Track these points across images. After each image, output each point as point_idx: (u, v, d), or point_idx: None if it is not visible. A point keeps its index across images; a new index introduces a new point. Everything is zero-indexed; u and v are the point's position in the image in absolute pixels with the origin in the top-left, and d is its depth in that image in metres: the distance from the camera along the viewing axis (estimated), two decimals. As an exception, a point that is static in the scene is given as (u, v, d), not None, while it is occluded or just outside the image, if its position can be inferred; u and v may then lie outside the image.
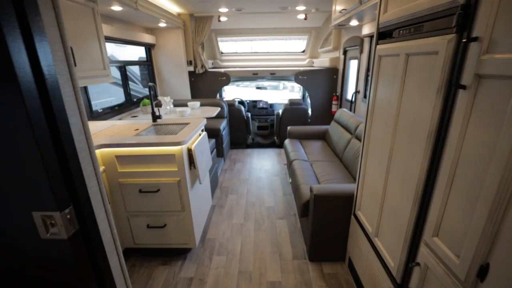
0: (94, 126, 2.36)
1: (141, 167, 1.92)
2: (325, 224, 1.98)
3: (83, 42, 2.01)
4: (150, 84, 2.29)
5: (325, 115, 4.84)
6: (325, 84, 4.67)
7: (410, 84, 1.14)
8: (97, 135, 2.06)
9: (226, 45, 5.91)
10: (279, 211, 2.82)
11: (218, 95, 6.19)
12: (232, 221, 2.68)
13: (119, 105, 3.32)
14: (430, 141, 0.99)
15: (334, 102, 4.61)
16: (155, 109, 2.41)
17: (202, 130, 2.45)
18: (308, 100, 5.56)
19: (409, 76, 1.14)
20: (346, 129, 3.05)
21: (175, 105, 4.16)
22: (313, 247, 2.08)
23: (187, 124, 2.33)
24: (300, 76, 4.66)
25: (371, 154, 1.58)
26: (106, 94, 3.65)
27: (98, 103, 3.54)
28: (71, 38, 1.84)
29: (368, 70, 3.29)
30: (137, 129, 2.20)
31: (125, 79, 3.47)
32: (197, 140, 2.12)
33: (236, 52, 5.83)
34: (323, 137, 3.66)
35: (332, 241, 2.04)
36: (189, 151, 1.96)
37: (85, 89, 2.61)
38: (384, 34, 1.40)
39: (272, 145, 5.26)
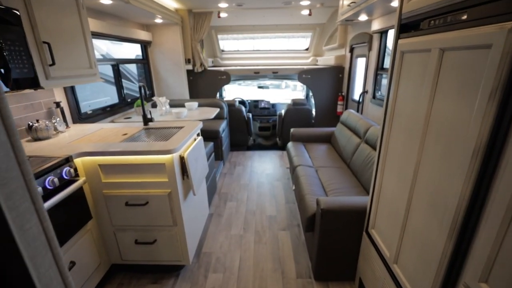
0: (80, 130, 2.16)
1: (127, 177, 1.72)
2: (333, 240, 1.77)
3: (65, 37, 1.80)
4: (141, 84, 2.08)
5: (330, 116, 4.62)
6: (330, 84, 4.45)
7: (445, 86, 0.92)
8: (81, 140, 1.86)
9: (227, 44, 5.70)
10: (281, 221, 2.62)
11: (218, 95, 6.00)
12: (230, 232, 2.48)
13: (111, 106, 3.12)
14: (477, 160, 0.78)
15: (339, 103, 4.38)
16: (147, 111, 2.21)
17: (198, 134, 2.24)
18: (312, 100, 5.34)
19: (444, 76, 0.92)
20: (354, 132, 2.83)
21: (172, 106, 3.95)
22: (319, 265, 1.87)
23: (181, 128, 2.12)
24: (304, 75, 4.44)
25: (389, 166, 1.36)
26: (101, 94, 3.46)
27: (93, 103, 3.35)
28: (49, 33, 1.65)
29: (377, 68, 3.06)
30: (126, 134, 2.00)
31: (118, 78, 3.27)
32: (191, 146, 1.92)
33: (237, 50, 5.62)
34: (328, 140, 3.45)
35: (340, 259, 1.83)
36: (182, 159, 1.75)
37: (72, 89, 2.41)
38: (407, 26, 1.18)
39: (274, 146, 5.05)
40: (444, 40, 0.91)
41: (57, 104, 2.18)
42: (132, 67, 4.20)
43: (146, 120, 2.18)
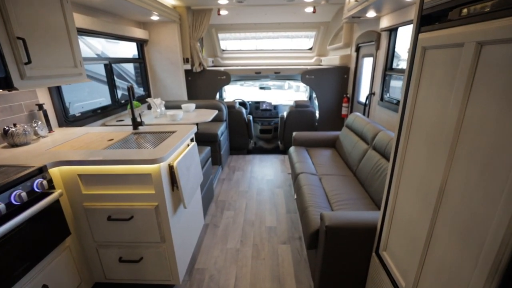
0: (64, 134, 2.00)
1: (110, 188, 1.55)
2: (338, 260, 1.58)
3: (45, 33, 1.64)
4: (128, 84, 1.91)
5: (334, 119, 4.43)
6: (334, 84, 4.25)
7: (483, 88, 0.73)
8: (62, 146, 1.70)
9: (230, 44, 5.53)
10: (281, 233, 2.43)
11: (218, 96, 5.83)
12: (226, 245, 2.30)
13: (103, 108, 2.96)
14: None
15: (344, 105, 4.19)
16: (140, 113, 2.04)
17: (192, 139, 2.07)
18: (316, 102, 5.15)
19: (483, 75, 0.74)
20: (361, 137, 2.63)
21: (169, 107, 3.79)
22: (323, 287, 1.68)
23: (173, 132, 1.95)
24: (307, 76, 4.25)
25: (406, 181, 1.18)
26: (97, 94, 3.31)
27: (87, 104, 3.21)
28: (24, 28, 1.48)
29: (386, 69, 2.87)
30: (112, 139, 1.83)
31: (111, 78, 3.11)
32: (183, 153, 1.74)
33: (239, 50, 5.44)
34: (333, 144, 3.25)
35: (346, 281, 1.64)
36: (171, 168, 1.58)
37: (58, 89, 2.25)
38: (430, 18, 1.00)
39: (275, 150, 4.86)
40: (483, 32, 0.72)
41: (40, 106, 2.02)
42: (129, 67, 4.04)
43: (136, 124, 2.01)
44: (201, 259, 2.13)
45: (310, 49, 5.30)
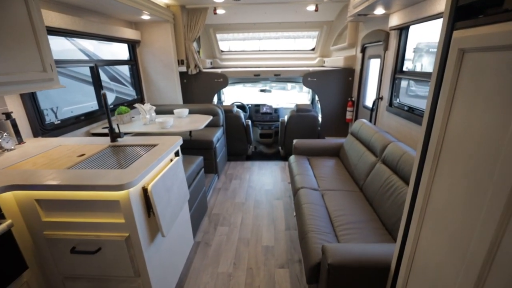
0: (36, 147, 1.77)
1: (74, 215, 1.32)
2: (344, 301, 1.33)
3: (4, 34, 1.42)
4: (102, 91, 1.68)
5: (338, 124, 4.17)
6: (338, 87, 3.99)
7: None
8: (22, 164, 1.47)
9: (231, 45, 5.30)
10: (279, 254, 2.18)
11: (217, 98, 5.60)
12: (218, 268, 2.06)
13: (89, 114, 2.74)
14: None
15: (349, 109, 3.93)
16: (114, 125, 1.81)
17: (177, 153, 1.83)
18: (318, 106, 4.89)
19: None
20: (369, 148, 2.37)
21: (162, 112, 3.57)
22: (326, 328, 1.43)
23: (154, 146, 1.71)
24: (309, 78, 4.00)
25: (433, 218, 0.92)
26: (91, 98, 3.11)
27: (77, 109, 3.00)
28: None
29: (395, 71, 2.61)
30: (83, 155, 1.60)
31: (98, 81, 2.89)
32: (163, 171, 1.50)
33: (239, 51, 5.20)
34: (336, 153, 3.00)
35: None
36: (145, 192, 1.34)
37: (31, 95, 2.03)
38: (471, 10, 0.74)
39: (276, 155, 4.62)
40: None
41: (7, 115, 1.80)
42: (125, 69, 3.84)
43: (113, 136, 1.78)
44: (188, 285, 1.89)
45: (313, 49, 5.04)
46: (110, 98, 4.59)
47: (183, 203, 1.77)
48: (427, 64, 2.99)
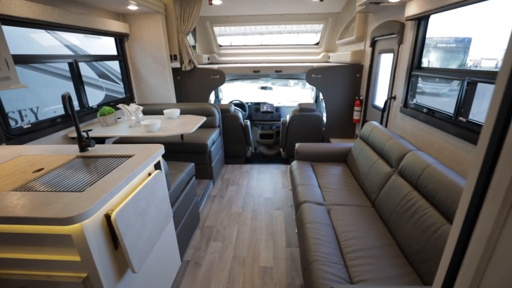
0: (-11, 158, 1.50)
1: (20, 250, 1.05)
2: None
3: None
4: (64, 93, 1.40)
5: (344, 124, 3.87)
6: (345, 85, 3.68)
7: None
8: (-37, 182, 1.20)
9: (231, 40, 4.99)
10: (278, 278, 1.91)
11: (214, 96, 5.31)
12: (208, 295, 1.80)
13: (66, 116, 2.46)
14: None
15: (356, 108, 3.62)
16: (83, 133, 1.53)
17: (157, 165, 1.55)
18: (323, 104, 4.59)
19: None
20: (382, 156, 2.08)
21: (150, 113, 3.29)
22: None
23: (128, 157, 1.44)
24: (314, 75, 3.69)
25: (498, 273, 0.63)
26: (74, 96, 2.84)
27: (61, 108, 2.74)
28: None
29: (412, 67, 2.30)
30: (41, 169, 1.32)
31: (79, 79, 2.61)
32: (134, 191, 1.23)
33: (241, 45, 4.89)
34: (343, 159, 2.71)
35: None
36: (108, 220, 1.07)
37: (-8, 96, 1.76)
38: None
39: (277, 158, 4.34)
40: None
41: (-42, 120, 1.53)
42: (116, 66, 3.56)
43: (82, 145, 1.50)
44: (172, 320, 1.63)
45: (317, 44, 4.72)
46: (99, 96, 4.33)
47: (165, 224, 1.50)
48: (434, 60, 2.66)
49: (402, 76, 2.46)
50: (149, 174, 1.42)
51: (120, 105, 2.50)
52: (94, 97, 4.11)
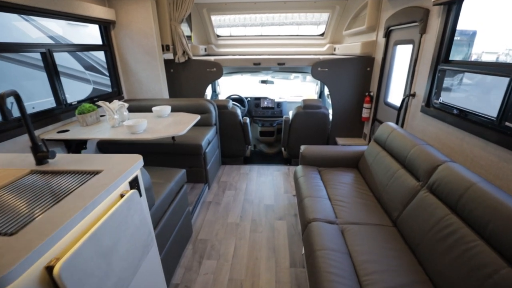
0: None
1: None
2: None
3: None
4: (6, 92, 1.08)
5: (351, 123, 3.56)
6: (353, 79, 3.36)
7: None
8: None
9: (230, 32, 4.62)
10: (283, 308, 1.64)
11: (211, 91, 4.98)
12: (199, 330, 1.52)
13: (39, 114, 2.14)
14: None
15: (366, 105, 3.31)
16: (38, 140, 1.22)
17: (134, 182, 1.25)
18: (328, 100, 4.28)
19: None
20: (405, 165, 1.77)
21: (139, 110, 2.97)
22: None
23: (96, 173, 1.13)
24: (320, 68, 3.36)
25: None
26: (66, 90, 2.52)
27: (40, 104, 2.43)
28: None
29: (439, 61, 1.98)
30: (-23, 191, 1.02)
31: (54, 72, 2.28)
32: (94, 227, 0.92)
33: (241, 36, 4.53)
34: (355, 164, 2.41)
35: None
36: (50, 274, 0.77)
37: None
38: None
39: (278, 156, 4.05)
40: None
41: None
42: (102, 56, 3.22)
43: (38, 157, 1.20)
44: None
45: (322, 34, 4.36)
46: (87, 90, 3.99)
47: (142, 257, 1.20)
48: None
49: (424, 71, 2.15)
50: (122, 196, 1.12)
51: (100, 102, 2.18)
52: (80, 91, 3.78)
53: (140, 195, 1.26)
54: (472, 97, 2.56)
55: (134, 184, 1.23)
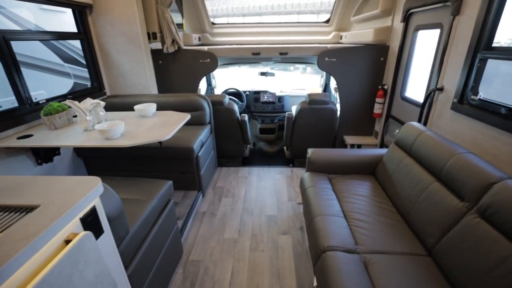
0: None
1: None
2: None
3: None
4: None
5: (362, 119, 3.21)
6: (365, 71, 2.99)
7: None
8: None
9: (232, 20, 4.21)
10: None
11: (206, 84, 4.61)
12: None
13: (6, 112, 1.79)
14: None
15: (378, 100, 2.95)
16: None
17: (89, 219, 0.91)
18: (334, 94, 3.92)
19: None
20: (441, 179, 1.43)
21: (121, 109, 2.60)
22: None
23: (28, 211, 0.79)
24: (327, 58, 2.98)
25: None
26: (40, 85, 2.16)
27: (5, 102, 2.08)
28: None
29: (478, 47, 1.62)
30: None
31: (12, 63, 1.90)
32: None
33: (238, 23, 4.13)
34: (371, 171, 2.07)
35: None
36: None
37: None
38: None
39: (279, 156, 3.72)
40: None
41: None
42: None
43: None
44: None
45: (327, 21, 3.97)
46: (67, 85, 3.60)
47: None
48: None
49: (456, 61, 1.79)
50: (67, 242, 0.78)
51: (67, 102, 1.82)
52: (59, 87, 3.39)
53: (100, 234, 0.93)
54: None
55: (89, 220, 0.89)
